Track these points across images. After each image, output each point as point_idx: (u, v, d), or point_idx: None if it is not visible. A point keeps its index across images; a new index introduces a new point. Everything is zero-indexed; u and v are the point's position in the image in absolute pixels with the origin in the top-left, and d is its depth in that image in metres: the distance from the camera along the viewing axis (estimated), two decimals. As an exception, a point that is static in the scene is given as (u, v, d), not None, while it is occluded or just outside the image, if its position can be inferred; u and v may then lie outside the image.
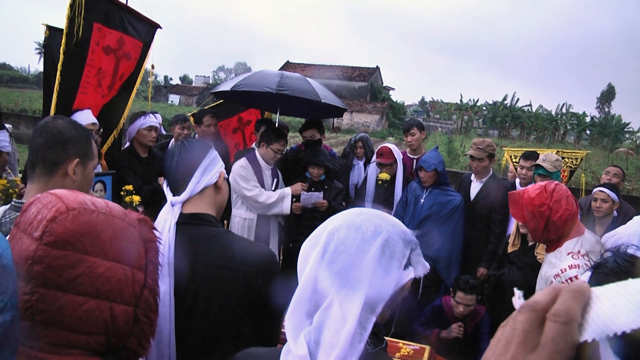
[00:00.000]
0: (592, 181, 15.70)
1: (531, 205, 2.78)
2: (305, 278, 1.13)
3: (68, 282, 1.02)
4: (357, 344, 1.04)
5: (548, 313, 0.55)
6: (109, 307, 1.07)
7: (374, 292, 1.07)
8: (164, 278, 1.68)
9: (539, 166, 4.51)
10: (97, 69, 4.12)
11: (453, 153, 24.64)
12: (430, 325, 4.26)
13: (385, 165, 5.02)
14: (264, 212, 4.72)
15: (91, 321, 1.05)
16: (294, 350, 1.08)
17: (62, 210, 1.05)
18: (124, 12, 4.33)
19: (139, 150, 4.70)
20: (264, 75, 4.94)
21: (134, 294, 1.13)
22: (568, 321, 0.53)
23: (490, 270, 4.46)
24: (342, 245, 1.12)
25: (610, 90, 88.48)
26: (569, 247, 2.71)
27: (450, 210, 4.62)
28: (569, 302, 0.55)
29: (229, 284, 1.75)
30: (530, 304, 0.57)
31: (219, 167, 1.94)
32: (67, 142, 1.82)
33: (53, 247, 1.01)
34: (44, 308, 1.01)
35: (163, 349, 1.72)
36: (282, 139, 4.74)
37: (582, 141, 48.06)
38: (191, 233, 1.81)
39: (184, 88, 66.42)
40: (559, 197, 2.74)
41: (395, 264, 1.12)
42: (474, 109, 55.41)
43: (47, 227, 1.03)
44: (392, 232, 1.16)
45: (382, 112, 49.24)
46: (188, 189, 1.84)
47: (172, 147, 1.99)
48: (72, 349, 1.05)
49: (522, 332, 0.56)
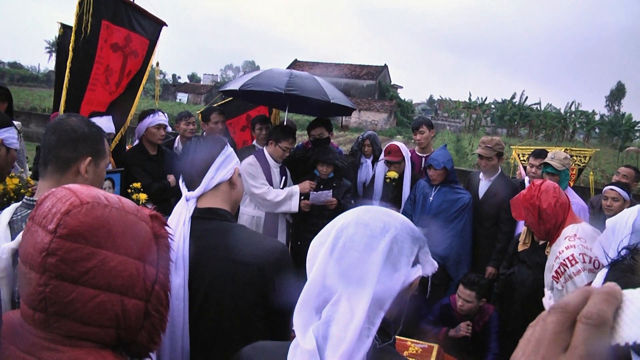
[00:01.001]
0: (602, 180, 15.60)
1: (524, 200, 3.13)
2: (314, 274, 1.14)
3: (80, 275, 1.03)
4: (364, 339, 1.04)
5: (579, 315, 0.54)
6: (120, 300, 1.09)
7: (382, 288, 1.08)
8: (178, 271, 1.71)
9: (548, 164, 4.48)
10: (105, 67, 4.14)
11: (461, 151, 24.57)
12: (438, 323, 4.25)
13: (393, 164, 5.01)
14: (272, 210, 4.72)
15: (102, 314, 1.07)
16: (302, 345, 1.08)
17: (76, 204, 1.07)
18: (131, 10, 4.34)
19: (148, 148, 4.72)
20: (273, 75, 4.94)
21: (145, 289, 1.14)
22: (600, 324, 0.53)
23: (499, 269, 4.44)
24: (351, 241, 1.13)
25: (620, 88, 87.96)
26: (566, 232, 2.94)
27: (459, 208, 4.60)
28: (600, 304, 0.54)
29: (242, 278, 1.77)
30: (561, 305, 0.57)
31: (234, 163, 1.96)
32: (79, 141, 1.83)
33: (67, 239, 1.03)
34: (57, 300, 1.03)
35: (176, 341, 1.75)
36: (291, 137, 4.74)
37: (591, 140, 47.78)
38: (205, 227, 1.83)
39: (192, 86, 66.54)
40: (546, 189, 3.08)
41: (403, 260, 1.13)
42: (482, 107, 55.23)
43: (61, 220, 1.04)
44: (401, 229, 1.17)
45: (390, 110, 49.15)
46: (202, 184, 1.87)
47: (187, 143, 2.00)
48: (84, 341, 1.06)
49: (553, 333, 0.56)
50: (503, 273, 4.17)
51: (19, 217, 1.76)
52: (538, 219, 3.04)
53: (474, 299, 4.04)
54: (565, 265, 2.72)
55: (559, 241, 2.95)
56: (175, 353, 1.75)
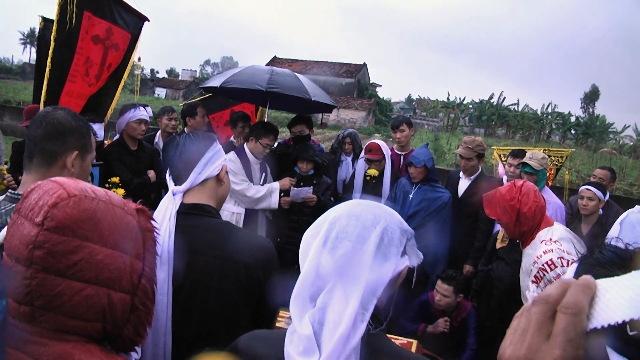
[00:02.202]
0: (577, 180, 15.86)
1: (502, 200, 3.09)
2: (308, 264, 1.18)
3: (68, 268, 1.03)
4: (359, 324, 1.10)
5: (559, 305, 0.60)
6: (106, 294, 1.09)
7: (374, 276, 1.14)
8: (162, 266, 1.70)
9: (526, 164, 4.55)
10: (86, 58, 4.10)
11: (439, 150, 24.72)
12: (417, 320, 4.29)
13: (374, 162, 5.03)
14: (252, 207, 4.72)
15: (89, 307, 1.06)
16: (299, 330, 1.13)
17: (64, 197, 1.07)
18: (114, 3, 4.31)
19: (128, 142, 4.68)
20: (254, 72, 4.94)
21: (131, 282, 1.14)
22: (577, 312, 0.59)
23: (478, 267, 4.50)
24: (344, 232, 1.19)
25: (594, 90, 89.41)
26: (541, 236, 2.95)
27: (439, 206, 4.65)
28: (577, 295, 0.60)
29: (229, 275, 1.77)
30: (543, 297, 0.63)
31: (221, 160, 1.97)
32: (66, 134, 1.82)
33: (54, 232, 1.03)
34: (44, 293, 1.02)
35: (159, 337, 1.74)
36: (272, 133, 4.74)
37: (567, 140, 48.46)
38: (191, 223, 1.83)
39: (170, 81, 65.85)
40: (527, 191, 3.05)
41: (393, 250, 1.19)
42: (460, 107, 55.65)
43: (48, 212, 1.04)
44: (390, 220, 1.23)
45: (369, 108, 49.28)
46: (189, 179, 1.86)
47: (175, 138, 2.01)
48: (71, 335, 1.06)
49: (537, 322, 0.61)
50: (482, 270, 4.23)
51: (2, 211, 1.73)
52: (515, 221, 3.05)
53: (451, 293, 4.09)
54: (545, 270, 2.76)
55: (534, 244, 2.98)
56: (157, 348, 1.74)
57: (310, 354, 1.09)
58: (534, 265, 2.84)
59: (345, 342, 1.07)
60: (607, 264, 0.99)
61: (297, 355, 1.11)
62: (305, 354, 1.10)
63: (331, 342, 1.08)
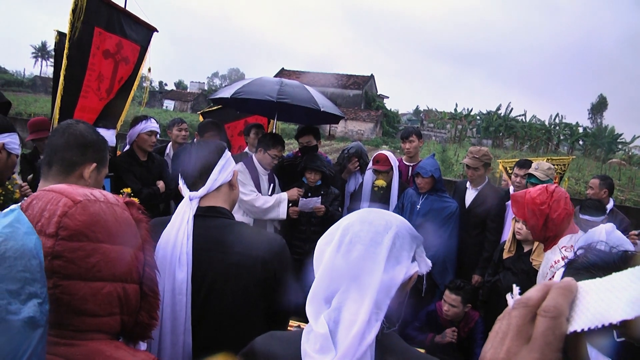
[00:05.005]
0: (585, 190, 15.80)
1: (532, 204, 3.02)
2: (323, 267, 1.23)
3: (87, 271, 1.08)
4: (374, 322, 1.14)
5: (539, 309, 0.61)
6: (122, 287, 1.15)
7: (387, 277, 1.18)
8: (182, 267, 1.79)
9: (532, 175, 4.56)
10: (98, 73, 4.15)
11: (447, 162, 24.73)
12: (424, 329, 4.30)
13: (381, 173, 5.06)
14: (261, 217, 4.75)
15: (110, 303, 1.13)
16: (315, 329, 1.17)
17: (70, 205, 1.11)
18: (123, 16, 4.37)
19: (138, 154, 4.73)
20: (264, 83, 4.98)
21: (138, 273, 1.21)
22: (556, 315, 0.59)
23: (485, 277, 4.51)
24: (357, 237, 1.23)
25: (602, 101, 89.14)
26: (562, 242, 2.93)
27: (446, 216, 4.66)
28: (557, 298, 0.60)
29: (245, 269, 1.85)
30: (523, 301, 0.63)
31: (233, 166, 2.07)
32: (87, 146, 1.89)
33: (70, 240, 1.07)
34: (68, 299, 1.06)
35: (178, 336, 1.80)
36: (280, 144, 4.78)
37: (575, 151, 48.23)
38: (208, 224, 1.92)
39: (178, 94, 66.27)
40: (559, 197, 3.00)
41: (405, 254, 1.23)
42: (467, 118, 55.63)
43: (60, 222, 1.08)
44: (401, 227, 1.27)
45: (377, 120, 49.36)
46: (207, 185, 1.96)
47: (187, 147, 2.11)
48: (97, 333, 1.11)
49: (516, 326, 0.62)
50: (488, 280, 4.23)
51: None
52: (542, 225, 3.03)
53: (459, 303, 4.10)
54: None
55: (554, 249, 2.96)
56: (176, 347, 1.80)
57: (326, 352, 1.13)
58: (550, 270, 2.84)
59: (360, 340, 1.11)
60: (592, 267, 1.01)
61: (314, 353, 1.15)
62: (321, 351, 1.14)
63: (347, 339, 1.12)
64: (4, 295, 0.87)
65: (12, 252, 0.90)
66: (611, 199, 5.49)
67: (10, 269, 0.88)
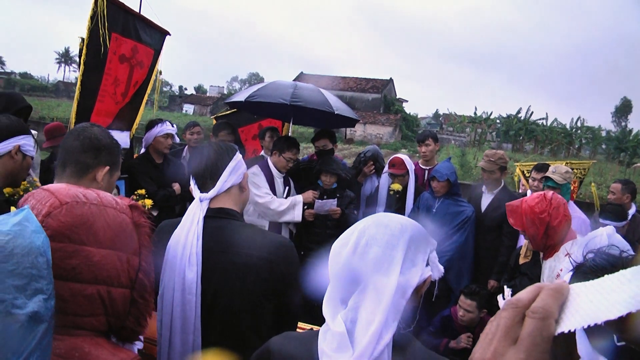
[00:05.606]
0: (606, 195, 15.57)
1: (531, 213, 3.01)
2: (340, 269, 1.24)
3: (67, 272, 1.09)
4: (391, 322, 1.15)
5: (527, 310, 0.60)
6: (107, 291, 1.16)
7: (404, 279, 1.20)
8: (191, 267, 1.82)
9: (549, 178, 4.49)
10: (114, 78, 4.22)
11: (466, 166, 24.52)
12: (439, 335, 4.26)
13: (397, 176, 5.05)
14: (276, 219, 4.76)
15: (92, 305, 1.14)
16: (332, 328, 1.19)
17: (56, 205, 1.13)
18: (137, 20, 4.44)
19: (154, 156, 4.78)
20: (278, 86, 5.01)
21: (129, 278, 1.22)
22: (544, 317, 0.59)
23: (501, 282, 4.45)
24: (373, 239, 1.25)
25: (626, 104, 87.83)
26: (565, 249, 2.91)
27: (462, 221, 4.63)
28: (547, 299, 0.60)
29: (253, 271, 1.87)
30: (513, 302, 0.63)
31: (243, 168, 2.10)
32: (101, 149, 1.92)
33: (51, 240, 1.07)
34: None
35: (188, 335, 1.83)
36: (295, 147, 4.80)
37: (597, 155, 47.50)
38: (218, 225, 1.94)
39: (198, 98, 66.75)
40: (558, 205, 2.99)
41: (420, 257, 1.26)
42: (487, 122, 55.16)
43: (43, 222, 1.09)
44: (416, 230, 1.30)
45: (396, 124, 49.18)
46: (217, 186, 1.98)
47: (199, 148, 2.13)
48: (79, 330, 1.13)
49: (505, 327, 0.61)
50: (504, 285, 4.18)
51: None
52: (543, 234, 3.01)
53: (474, 309, 4.06)
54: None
55: (557, 257, 2.95)
56: (186, 346, 1.83)
57: (343, 351, 1.14)
58: (557, 278, 2.81)
59: (378, 339, 1.12)
60: (600, 271, 0.99)
61: (332, 352, 1.16)
62: (339, 350, 1.15)
63: (365, 338, 1.12)
64: (10, 290, 0.90)
65: (19, 249, 0.93)
66: (633, 205, 5.39)
67: (17, 265, 0.92)
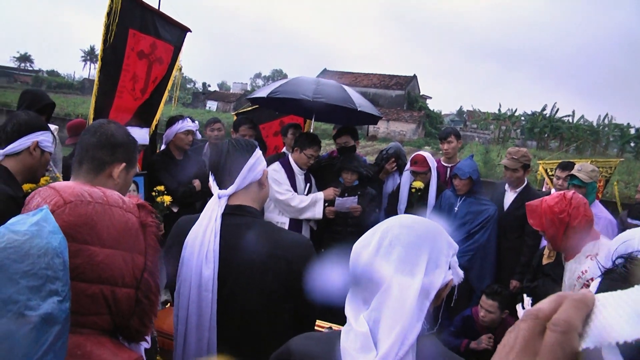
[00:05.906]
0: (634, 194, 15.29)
1: (551, 213, 2.95)
2: (362, 269, 1.24)
3: (70, 271, 1.08)
4: (415, 322, 1.15)
5: (548, 322, 0.56)
6: (111, 291, 1.15)
7: (428, 280, 1.19)
8: (208, 264, 1.82)
9: (574, 176, 4.40)
10: (132, 74, 4.25)
11: (490, 163, 24.30)
12: (460, 335, 4.21)
13: (419, 174, 4.99)
14: (297, 216, 4.76)
15: (95, 304, 1.13)
16: (355, 327, 1.18)
17: (60, 204, 1.13)
18: (157, 17, 4.45)
19: (174, 153, 4.80)
20: (300, 82, 4.99)
21: (134, 278, 1.21)
22: (566, 330, 0.54)
23: (523, 283, 4.39)
24: (397, 239, 1.24)
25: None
26: (586, 250, 2.84)
27: (484, 219, 4.57)
28: (569, 311, 0.56)
29: (270, 270, 1.86)
30: (533, 312, 0.59)
31: (263, 165, 2.08)
32: (117, 146, 1.92)
33: None
34: None
35: (203, 332, 1.83)
36: (316, 144, 4.78)
37: (625, 154, 46.54)
38: (236, 222, 1.94)
39: (221, 95, 67.10)
40: (577, 204, 2.91)
41: (443, 259, 1.25)
42: (512, 119, 54.46)
43: None
44: (440, 232, 1.29)
45: (419, 121, 48.86)
46: (235, 183, 1.97)
47: (219, 145, 2.12)
48: (83, 328, 1.13)
49: (524, 339, 0.57)
50: (527, 286, 4.11)
51: None
52: (563, 235, 2.94)
53: (496, 309, 4.00)
54: (589, 286, 2.67)
55: (578, 259, 2.88)
56: (201, 343, 1.83)
57: (367, 351, 1.13)
58: (577, 281, 2.75)
59: (403, 339, 1.12)
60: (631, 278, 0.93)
61: (355, 352, 1.15)
62: (362, 350, 1.14)
63: (389, 339, 1.12)
64: (24, 291, 0.89)
65: (36, 249, 0.93)
66: None
67: (33, 265, 0.91)
